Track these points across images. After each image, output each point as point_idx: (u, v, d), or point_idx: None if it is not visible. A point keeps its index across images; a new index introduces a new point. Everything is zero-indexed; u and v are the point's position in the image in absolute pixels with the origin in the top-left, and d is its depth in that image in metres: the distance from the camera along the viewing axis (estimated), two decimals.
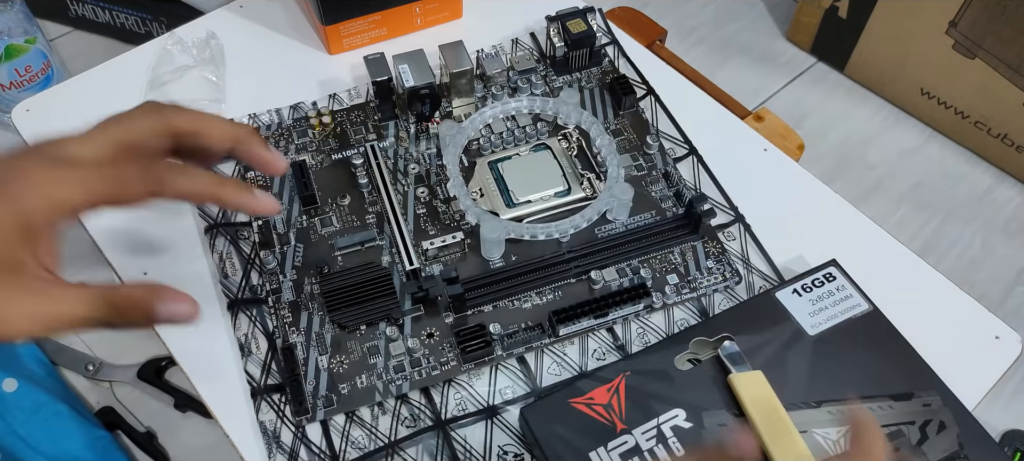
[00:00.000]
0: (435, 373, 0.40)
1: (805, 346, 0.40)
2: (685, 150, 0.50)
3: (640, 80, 0.54)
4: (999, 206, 1.10)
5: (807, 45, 1.24)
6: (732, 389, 0.38)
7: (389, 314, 0.42)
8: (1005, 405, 0.92)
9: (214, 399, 0.40)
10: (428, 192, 0.47)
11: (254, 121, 0.51)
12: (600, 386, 0.38)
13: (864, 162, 1.13)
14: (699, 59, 1.23)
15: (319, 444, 0.39)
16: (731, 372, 0.38)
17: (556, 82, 0.53)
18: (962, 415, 0.38)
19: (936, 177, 1.12)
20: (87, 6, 1.17)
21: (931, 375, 0.39)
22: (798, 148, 0.72)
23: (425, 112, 0.49)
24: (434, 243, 0.45)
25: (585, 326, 0.42)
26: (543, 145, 0.49)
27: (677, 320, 0.43)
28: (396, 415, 0.40)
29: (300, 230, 0.45)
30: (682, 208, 0.47)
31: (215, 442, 0.84)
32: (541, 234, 0.44)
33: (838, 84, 1.22)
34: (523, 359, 0.42)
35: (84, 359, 0.87)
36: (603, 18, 0.58)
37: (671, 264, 0.45)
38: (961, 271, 1.03)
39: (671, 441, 0.37)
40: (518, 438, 0.39)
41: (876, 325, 0.41)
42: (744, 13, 1.30)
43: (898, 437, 0.37)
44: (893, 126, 1.17)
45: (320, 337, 0.41)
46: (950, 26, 1.06)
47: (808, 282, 0.42)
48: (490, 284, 0.43)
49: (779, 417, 0.36)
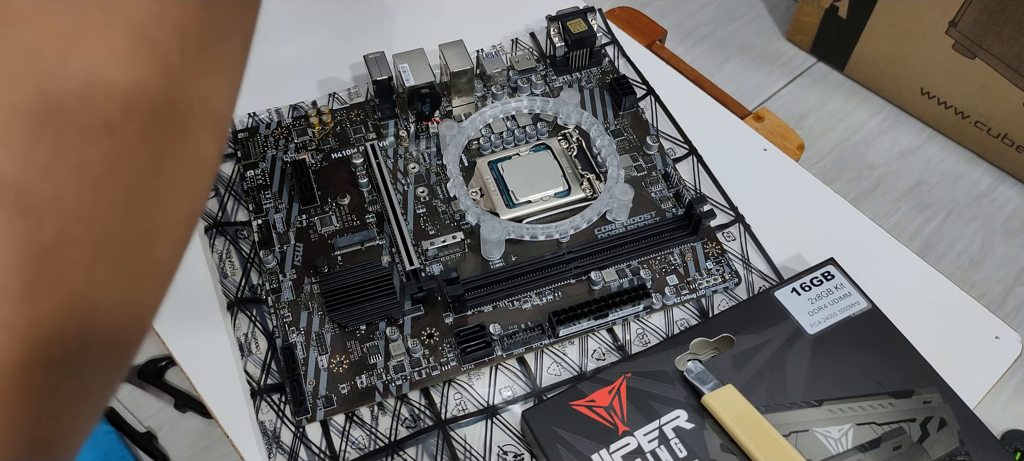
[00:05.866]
0: (435, 373, 0.40)
1: (805, 345, 0.40)
2: (685, 150, 0.50)
3: (640, 80, 0.54)
4: (999, 206, 1.10)
5: (807, 45, 1.24)
6: (708, 409, 0.38)
7: (389, 314, 0.42)
8: (1005, 405, 0.92)
9: (214, 399, 0.40)
10: (428, 192, 0.47)
11: (254, 120, 0.51)
12: (601, 388, 0.38)
13: (864, 162, 1.13)
14: (699, 59, 1.23)
15: (319, 444, 0.39)
16: (703, 393, 0.38)
17: (556, 82, 0.53)
18: (962, 412, 0.38)
19: (936, 177, 1.12)
20: None
21: (931, 372, 0.39)
22: (798, 148, 0.72)
23: (425, 111, 0.49)
24: (434, 243, 0.45)
25: (585, 327, 0.42)
26: (543, 145, 0.49)
27: (677, 320, 0.43)
28: (396, 415, 0.40)
29: (300, 230, 0.45)
30: (682, 209, 0.47)
31: (215, 442, 0.84)
32: (541, 234, 0.44)
33: (838, 84, 1.22)
34: (523, 359, 0.42)
35: None
36: (603, 18, 0.58)
37: (671, 265, 0.45)
38: (961, 271, 1.03)
39: (673, 442, 0.37)
40: (518, 438, 0.39)
41: (875, 323, 0.41)
42: (744, 13, 1.31)
43: (899, 435, 0.37)
44: (893, 126, 1.17)
45: (320, 337, 0.41)
46: (950, 26, 1.06)
47: (806, 281, 0.42)
48: (490, 284, 0.43)
49: (761, 426, 0.36)
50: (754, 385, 0.38)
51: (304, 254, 0.44)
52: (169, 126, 0.17)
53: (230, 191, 0.48)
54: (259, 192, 0.47)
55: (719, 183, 0.49)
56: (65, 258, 0.15)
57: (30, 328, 0.15)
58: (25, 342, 0.15)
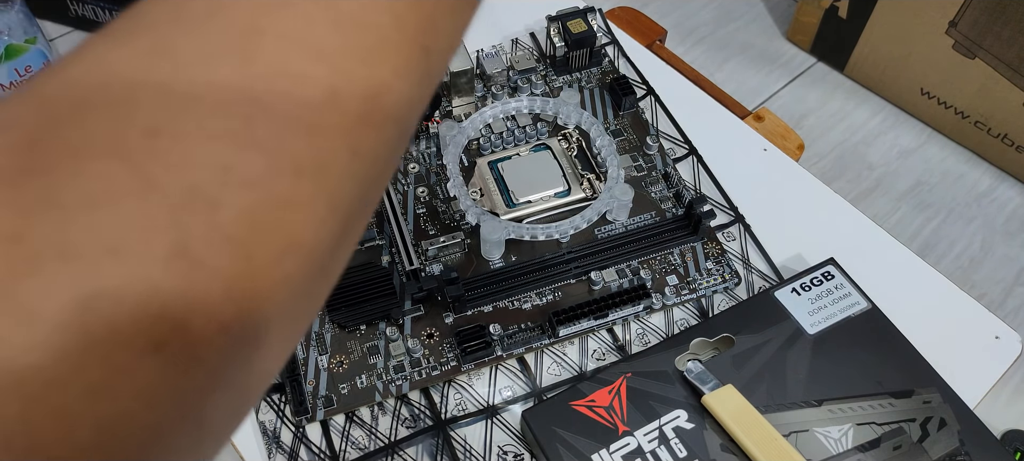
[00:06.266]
0: (435, 373, 0.40)
1: (805, 345, 0.40)
2: (685, 150, 0.50)
3: (640, 80, 0.54)
4: (999, 206, 1.10)
5: (807, 45, 1.24)
6: (708, 409, 0.38)
7: (389, 314, 0.42)
8: (1005, 405, 0.92)
9: None
10: (428, 192, 0.47)
11: None
12: (601, 388, 0.38)
13: (864, 162, 1.13)
14: (699, 59, 1.23)
15: (319, 444, 0.39)
16: (703, 393, 0.38)
17: (556, 82, 0.53)
18: (962, 412, 0.38)
19: (936, 177, 1.12)
20: (87, 6, 1.17)
21: (931, 372, 0.39)
22: (798, 148, 0.72)
23: (425, 111, 0.49)
24: (434, 243, 0.45)
25: (585, 327, 0.42)
26: (543, 145, 0.49)
27: (677, 320, 0.43)
28: (396, 415, 0.40)
29: None
30: (682, 209, 0.47)
31: None
32: (541, 234, 0.44)
33: (838, 84, 1.22)
34: (523, 359, 0.42)
35: None
36: (603, 18, 0.58)
37: (671, 265, 0.45)
38: (961, 271, 1.03)
39: (673, 442, 0.37)
40: (518, 438, 0.39)
41: (875, 323, 0.41)
42: (744, 13, 1.31)
43: (899, 435, 0.37)
44: (893, 126, 1.17)
45: (320, 337, 0.41)
46: (950, 26, 1.06)
47: (806, 281, 0.42)
48: (490, 284, 0.43)
49: (761, 426, 0.36)
50: (754, 385, 0.38)
51: None
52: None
53: None
54: None
55: (719, 183, 0.49)
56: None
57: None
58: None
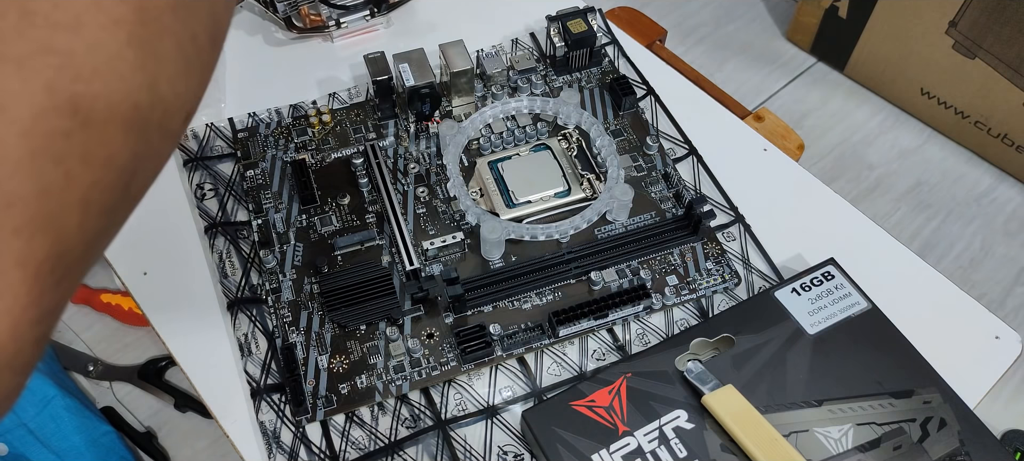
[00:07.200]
0: (435, 373, 0.40)
1: (805, 345, 0.40)
2: (685, 150, 0.50)
3: (640, 80, 0.54)
4: (999, 206, 1.09)
5: (807, 45, 1.24)
6: (708, 409, 0.38)
7: (389, 314, 0.42)
8: (1005, 405, 0.92)
9: (214, 399, 0.40)
10: (428, 192, 0.47)
11: (254, 120, 0.51)
12: (601, 388, 0.38)
13: (864, 162, 1.13)
14: (699, 59, 1.23)
15: (319, 444, 0.39)
16: (703, 393, 0.38)
17: (556, 82, 0.53)
18: (962, 412, 0.38)
19: (936, 177, 1.12)
20: None
21: (931, 372, 0.39)
22: (798, 148, 0.72)
23: (425, 111, 0.49)
24: (434, 243, 0.45)
25: (585, 327, 0.42)
26: (543, 145, 0.49)
27: (677, 320, 0.43)
28: (396, 415, 0.40)
29: (300, 229, 0.45)
30: (682, 209, 0.47)
31: (215, 442, 0.84)
32: (541, 235, 0.44)
33: (838, 84, 1.22)
34: (523, 360, 0.42)
35: (85, 359, 0.87)
36: (603, 18, 0.58)
37: (671, 265, 0.45)
38: (961, 271, 1.03)
39: (673, 442, 0.37)
40: (518, 438, 0.39)
41: (875, 323, 0.41)
42: (744, 13, 1.30)
43: (899, 435, 0.37)
44: (893, 126, 1.17)
45: (320, 337, 0.41)
46: (950, 26, 1.06)
47: (806, 281, 0.42)
48: (490, 284, 0.43)
49: (761, 427, 0.36)
50: (754, 385, 0.38)
51: (304, 254, 0.44)
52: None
53: (230, 191, 0.48)
54: (259, 192, 0.47)
55: (719, 183, 0.49)
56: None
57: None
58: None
